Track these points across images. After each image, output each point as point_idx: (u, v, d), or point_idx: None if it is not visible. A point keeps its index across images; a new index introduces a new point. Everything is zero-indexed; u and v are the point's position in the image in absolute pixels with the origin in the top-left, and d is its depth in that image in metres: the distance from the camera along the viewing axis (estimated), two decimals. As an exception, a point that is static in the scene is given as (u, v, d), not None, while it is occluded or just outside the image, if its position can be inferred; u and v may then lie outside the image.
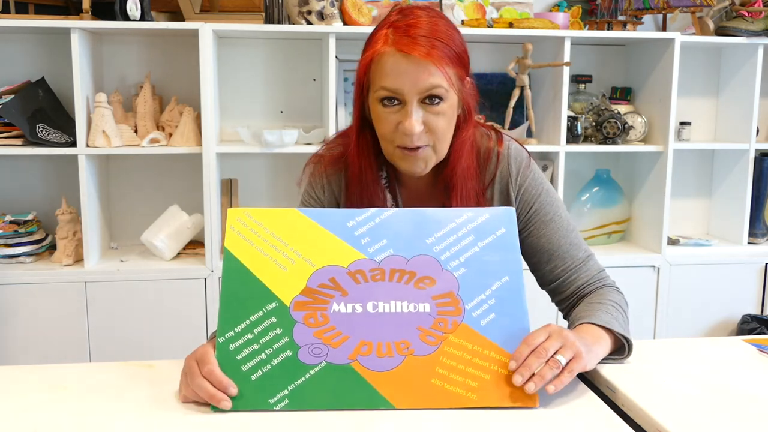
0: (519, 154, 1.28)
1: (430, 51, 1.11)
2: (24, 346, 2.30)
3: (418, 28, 1.13)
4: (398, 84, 1.13)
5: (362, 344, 1.00)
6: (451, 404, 0.97)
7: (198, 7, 2.38)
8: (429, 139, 1.17)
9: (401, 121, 1.15)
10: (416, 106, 1.14)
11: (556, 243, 1.26)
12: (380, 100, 1.16)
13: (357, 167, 1.25)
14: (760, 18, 2.59)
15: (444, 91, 1.14)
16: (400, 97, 1.14)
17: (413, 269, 1.05)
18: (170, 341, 2.34)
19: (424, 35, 1.12)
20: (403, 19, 1.15)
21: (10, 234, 2.36)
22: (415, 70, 1.12)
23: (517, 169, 1.27)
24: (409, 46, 1.11)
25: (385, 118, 1.16)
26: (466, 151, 1.23)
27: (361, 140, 1.24)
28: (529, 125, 2.58)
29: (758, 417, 0.96)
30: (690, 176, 2.93)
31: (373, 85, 1.17)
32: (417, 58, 1.11)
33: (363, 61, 1.17)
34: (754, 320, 2.60)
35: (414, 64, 1.12)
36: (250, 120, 2.64)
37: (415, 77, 1.12)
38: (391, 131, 1.17)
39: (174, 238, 2.43)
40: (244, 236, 1.07)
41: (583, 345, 1.02)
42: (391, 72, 1.13)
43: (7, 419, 0.95)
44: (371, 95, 1.18)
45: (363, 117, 1.23)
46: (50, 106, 2.40)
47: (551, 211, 1.27)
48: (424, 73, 1.12)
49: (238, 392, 0.97)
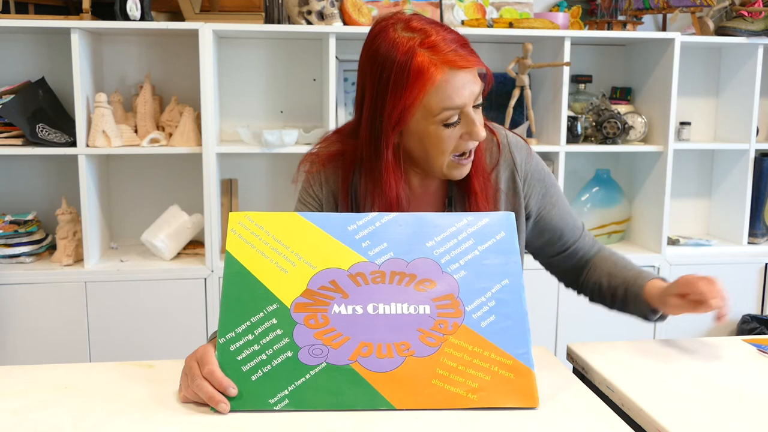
0: (518, 142, 1.33)
1: (472, 58, 1.14)
2: (24, 346, 2.30)
3: (448, 40, 1.13)
4: (461, 100, 1.13)
5: (362, 345, 1.00)
6: (452, 405, 0.97)
7: (198, 7, 2.38)
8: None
9: (465, 132, 1.16)
10: (474, 112, 1.16)
11: (564, 220, 1.35)
12: (444, 123, 1.14)
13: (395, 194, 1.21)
14: (760, 18, 2.59)
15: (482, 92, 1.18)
16: (462, 111, 1.15)
17: (413, 272, 1.06)
18: (170, 341, 2.34)
19: (459, 44, 1.14)
20: (425, 36, 1.12)
21: (10, 234, 2.36)
22: (470, 80, 1.14)
23: (521, 156, 1.31)
24: (460, 61, 1.12)
25: (448, 137, 1.16)
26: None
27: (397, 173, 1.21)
28: (529, 125, 2.58)
29: (758, 417, 0.96)
30: (690, 176, 2.93)
31: (431, 112, 1.13)
32: (470, 69, 1.13)
33: (415, 90, 1.11)
34: (754, 320, 2.60)
35: (468, 75, 1.14)
36: (250, 120, 2.64)
37: (470, 87, 1.14)
38: (452, 145, 1.17)
39: (174, 238, 2.43)
40: (246, 239, 1.08)
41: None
42: (453, 92, 1.12)
43: (8, 419, 0.95)
44: (427, 121, 1.14)
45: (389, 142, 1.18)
46: (50, 106, 2.40)
47: (555, 193, 1.35)
48: (475, 81, 1.15)
49: (239, 392, 0.97)
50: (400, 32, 1.13)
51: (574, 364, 1.23)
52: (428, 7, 2.53)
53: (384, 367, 0.99)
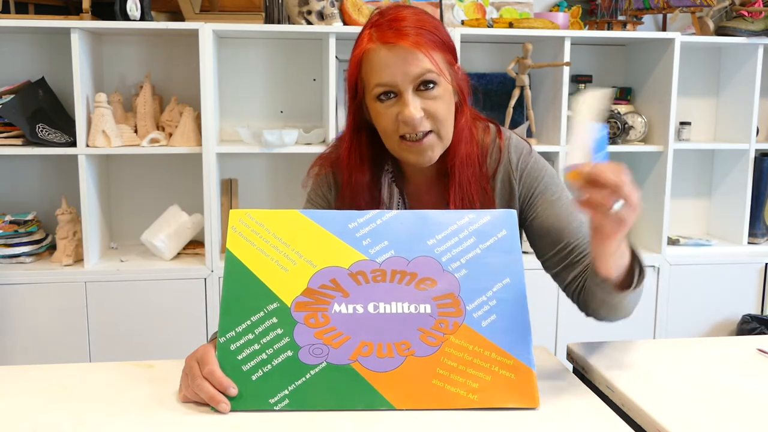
0: (519, 144, 1.30)
1: (415, 39, 1.13)
2: (24, 346, 2.30)
3: (400, 20, 1.15)
4: (390, 76, 1.14)
5: (363, 345, 1.00)
6: (452, 405, 0.97)
7: (198, 7, 2.38)
8: (431, 125, 1.17)
9: (400, 111, 1.15)
10: (412, 95, 1.15)
11: (565, 220, 1.23)
12: (377, 98, 1.17)
13: (347, 172, 1.26)
14: (760, 18, 2.59)
15: (435, 75, 1.15)
16: (395, 89, 1.15)
17: (414, 270, 1.06)
18: (170, 341, 2.34)
19: (408, 25, 1.14)
20: (383, 17, 1.17)
21: (10, 234, 2.36)
22: (404, 59, 1.13)
23: (518, 156, 1.27)
24: (394, 37, 1.13)
25: (384, 113, 1.17)
26: (465, 137, 1.24)
27: (354, 145, 1.25)
28: (529, 125, 2.58)
29: (758, 417, 0.96)
30: (690, 176, 2.93)
31: (367, 86, 1.18)
32: (404, 47, 1.13)
33: (351, 63, 1.19)
34: (754, 320, 2.60)
35: (402, 53, 1.13)
36: (250, 120, 2.64)
37: (405, 66, 1.13)
38: (392, 124, 1.17)
39: (174, 238, 2.42)
40: (246, 237, 1.07)
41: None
42: (381, 67, 1.14)
43: (7, 419, 0.95)
44: (368, 96, 1.19)
45: (358, 122, 1.25)
46: (50, 106, 2.40)
47: (557, 191, 1.26)
48: (413, 61, 1.13)
49: (239, 392, 0.97)
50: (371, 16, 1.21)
51: (574, 364, 1.22)
52: (428, 6, 2.53)
53: (384, 366, 0.99)
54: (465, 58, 2.60)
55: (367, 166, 1.26)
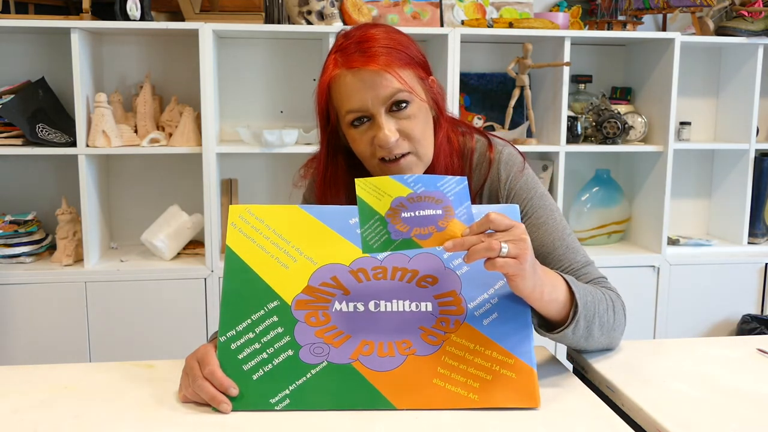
0: (511, 159, 1.25)
1: (382, 59, 1.12)
2: (24, 346, 2.30)
3: (365, 41, 1.13)
4: (360, 101, 1.13)
5: (363, 344, 1.00)
6: (452, 405, 0.96)
7: (198, 7, 2.38)
8: (408, 146, 1.16)
9: (375, 135, 1.14)
10: (385, 117, 1.14)
11: (550, 245, 1.18)
12: (351, 124, 1.15)
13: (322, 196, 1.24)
14: (760, 18, 2.59)
15: (406, 94, 1.13)
16: (368, 113, 1.14)
17: (415, 267, 1.05)
18: (170, 341, 2.34)
19: (373, 46, 1.13)
20: (348, 38, 1.16)
21: (10, 234, 2.36)
22: (372, 82, 1.12)
23: (507, 173, 1.24)
24: (360, 61, 1.12)
25: (359, 139, 1.16)
26: (444, 150, 1.22)
27: (330, 171, 1.24)
28: (529, 125, 2.58)
29: (758, 417, 0.96)
30: (690, 176, 2.93)
31: (339, 113, 1.17)
32: (370, 70, 1.11)
33: (320, 91, 1.17)
34: (754, 320, 2.60)
35: (369, 76, 1.12)
36: (250, 120, 2.64)
37: (373, 89, 1.12)
38: (369, 148, 1.16)
39: (174, 238, 2.42)
40: (246, 233, 1.07)
41: (532, 264, 0.96)
42: (350, 93, 1.13)
43: (7, 419, 0.95)
44: (342, 123, 1.18)
45: (333, 147, 1.23)
46: (50, 106, 2.40)
47: (544, 215, 1.21)
48: (381, 83, 1.12)
49: (240, 392, 0.97)
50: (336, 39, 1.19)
51: (574, 364, 1.22)
52: (428, 7, 2.53)
53: (385, 366, 0.98)
54: (465, 58, 2.60)
55: (343, 192, 1.24)
